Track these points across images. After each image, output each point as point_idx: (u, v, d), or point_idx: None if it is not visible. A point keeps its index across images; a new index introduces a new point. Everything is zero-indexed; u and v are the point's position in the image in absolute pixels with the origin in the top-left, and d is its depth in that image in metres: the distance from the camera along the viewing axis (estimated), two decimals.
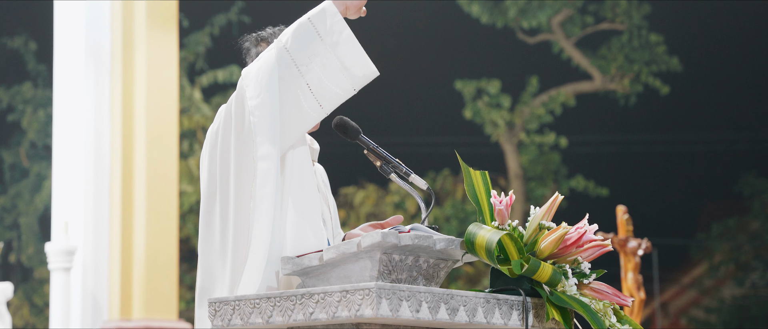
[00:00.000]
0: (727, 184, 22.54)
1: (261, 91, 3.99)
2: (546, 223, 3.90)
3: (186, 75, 21.14)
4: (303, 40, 4.01)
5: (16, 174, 22.05)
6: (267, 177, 3.97)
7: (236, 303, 3.74)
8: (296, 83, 4.01)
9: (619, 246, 10.78)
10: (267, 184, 3.96)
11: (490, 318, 3.70)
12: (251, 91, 4.01)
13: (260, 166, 3.97)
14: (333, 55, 4.01)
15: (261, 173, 3.96)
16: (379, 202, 22.06)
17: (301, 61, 4.00)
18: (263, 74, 4.01)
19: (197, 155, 20.55)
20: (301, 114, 4.02)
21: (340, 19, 4.04)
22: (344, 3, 4.08)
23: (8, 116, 21.86)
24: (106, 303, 11.28)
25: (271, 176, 3.96)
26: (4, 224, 21.81)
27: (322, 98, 4.01)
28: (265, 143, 3.98)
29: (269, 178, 3.96)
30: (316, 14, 4.05)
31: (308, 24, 4.03)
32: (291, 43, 4.02)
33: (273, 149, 3.97)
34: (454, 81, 22.14)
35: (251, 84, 4.02)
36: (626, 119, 22.68)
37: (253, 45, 4.38)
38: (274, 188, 3.96)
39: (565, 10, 22.31)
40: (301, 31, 4.03)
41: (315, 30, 4.02)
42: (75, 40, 11.49)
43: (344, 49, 4.02)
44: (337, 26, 4.03)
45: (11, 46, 22.04)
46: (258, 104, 3.99)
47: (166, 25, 11.76)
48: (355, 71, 4.02)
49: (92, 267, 11.22)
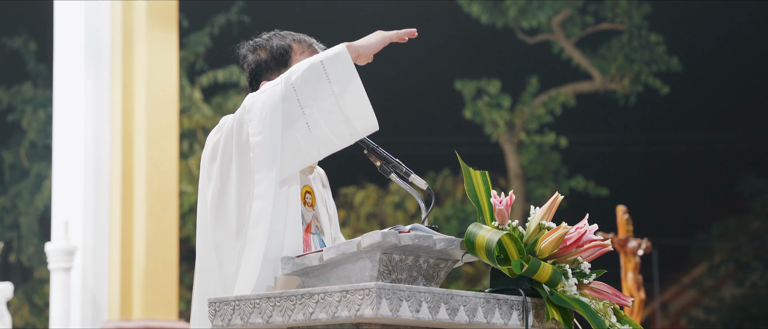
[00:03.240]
0: (727, 184, 22.54)
1: (264, 128, 3.98)
2: (546, 223, 3.90)
3: (186, 75, 21.14)
4: (312, 83, 3.99)
5: (16, 174, 22.05)
6: (261, 216, 3.97)
7: (236, 303, 3.74)
8: (298, 124, 4.00)
9: (619, 246, 10.77)
10: (260, 222, 3.97)
11: (490, 318, 3.71)
12: (254, 126, 4.00)
13: (256, 205, 3.97)
14: (338, 103, 3.98)
15: (255, 212, 3.97)
16: (379, 202, 22.06)
17: (307, 104, 3.98)
18: (268, 111, 3.99)
19: (197, 155, 20.55)
20: (299, 155, 4.02)
21: (351, 66, 4.00)
22: (357, 50, 4.05)
23: (8, 116, 21.87)
24: (106, 303, 11.28)
25: (265, 216, 3.97)
26: (4, 224, 21.82)
27: (321, 143, 4.01)
28: (263, 182, 3.98)
29: (263, 216, 3.97)
30: (329, 59, 4.01)
31: (320, 67, 4.00)
32: (300, 83, 3.99)
33: (270, 188, 3.97)
34: (454, 81, 22.14)
35: (255, 119, 4.00)
36: (626, 119, 22.68)
37: (250, 52, 4.35)
38: (266, 227, 3.97)
39: (565, 10, 22.31)
40: (311, 73, 3.99)
41: (325, 74, 3.99)
42: (75, 40, 11.49)
43: (350, 100, 3.99)
44: (346, 74, 4.00)
45: (11, 46, 22.04)
46: (259, 142, 3.98)
47: (166, 25, 11.76)
48: (356, 123, 4.00)
49: (92, 267, 11.22)
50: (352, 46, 4.05)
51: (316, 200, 4.25)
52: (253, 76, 4.33)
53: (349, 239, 3.81)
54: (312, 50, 4.30)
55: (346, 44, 4.05)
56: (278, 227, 4.01)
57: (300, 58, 4.27)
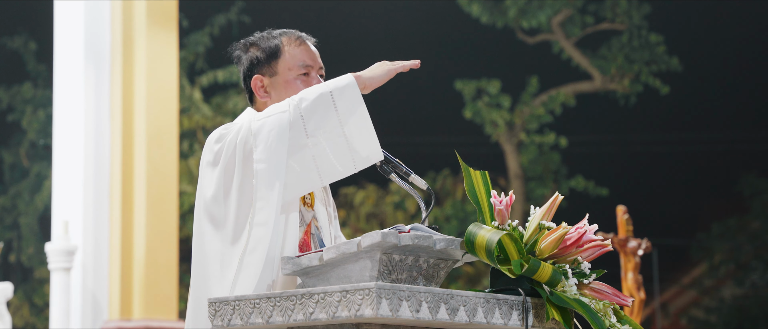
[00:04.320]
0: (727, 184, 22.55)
1: (269, 155, 3.99)
2: (546, 223, 3.90)
3: (186, 75, 21.14)
4: (320, 113, 3.99)
5: (16, 174, 22.05)
6: (258, 244, 3.97)
7: (236, 303, 3.74)
8: (304, 152, 4.00)
9: (619, 246, 10.77)
10: (257, 250, 3.97)
11: (490, 318, 3.71)
12: (259, 153, 4.00)
13: (255, 232, 3.98)
14: (344, 134, 3.99)
15: (254, 240, 3.97)
16: (379, 202, 22.07)
17: (313, 133, 3.99)
18: (274, 138, 4.00)
19: (197, 155, 20.54)
20: (301, 182, 4.03)
21: (359, 98, 4.01)
22: (364, 82, 4.05)
23: (8, 116, 21.87)
24: (106, 303, 11.28)
25: (263, 244, 3.97)
26: (4, 224, 21.82)
27: (324, 171, 4.01)
28: (264, 210, 3.98)
29: (260, 246, 3.97)
30: (338, 89, 4.01)
31: (329, 97, 4.00)
32: (308, 111, 4.00)
33: (270, 215, 3.98)
34: (454, 81, 22.14)
35: (261, 145, 4.00)
36: (626, 119, 22.69)
37: (243, 51, 4.36)
38: (263, 255, 3.97)
39: (565, 10, 22.31)
40: (320, 102, 4.00)
41: (334, 104, 3.99)
42: (75, 40, 11.49)
43: (356, 130, 3.99)
44: (354, 105, 4.00)
45: (11, 46, 22.04)
46: (264, 170, 3.99)
47: (166, 25, 11.77)
48: (361, 153, 4.00)
49: (92, 267, 11.22)
50: (360, 78, 4.05)
51: (315, 200, 4.25)
52: (247, 73, 4.34)
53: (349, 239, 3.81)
54: (301, 41, 4.32)
55: (355, 75, 4.05)
56: (278, 229, 4.01)
57: (291, 50, 4.30)
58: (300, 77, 4.28)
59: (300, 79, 4.28)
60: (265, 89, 4.31)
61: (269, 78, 4.30)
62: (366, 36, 21.39)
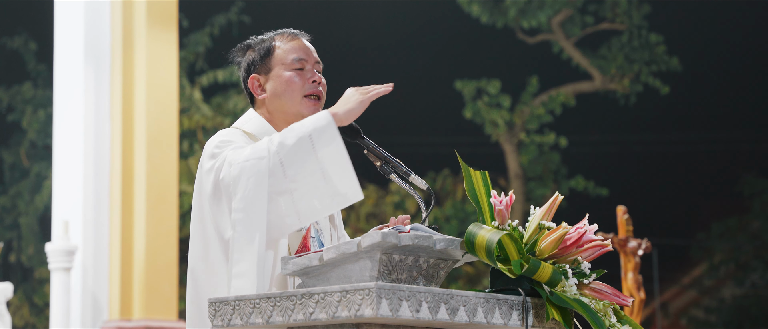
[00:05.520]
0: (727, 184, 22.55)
1: (247, 205, 3.95)
2: (546, 223, 3.90)
3: (186, 75, 21.13)
4: (300, 158, 3.97)
5: (16, 174, 22.05)
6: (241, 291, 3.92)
7: (236, 303, 3.74)
8: (283, 197, 3.97)
9: (619, 246, 10.76)
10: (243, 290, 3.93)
11: (490, 318, 3.70)
12: (237, 201, 3.97)
13: (234, 284, 3.95)
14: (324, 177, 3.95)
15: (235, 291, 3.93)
16: (379, 202, 22.07)
17: (294, 178, 3.96)
18: (251, 186, 3.95)
19: (197, 155, 20.54)
20: (281, 226, 4.00)
21: (338, 138, 3.97)
22: (340, 119, 4.02)
23: (8, 116, 21.87)
24: (106, 303, 11.28)
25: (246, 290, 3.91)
26: (4, 224, 21.82)
27: (304, 213, 3.98)
28: (241, 262, 3.95)
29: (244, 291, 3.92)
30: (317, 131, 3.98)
31: (308, 141, 3.97)
32: (288, 158, 3.96)
33: (250, 266, 3.93)
34: (454, 81, 22.14)
35: (239, 193, 3.97)
36: (626, 119, 22.69)
37: (241, 56, 4.39)
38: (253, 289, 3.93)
39: (565, 10, 22.31)
40: (300, 147, 3.96)
41: (313, 148, 3.96)
42: (75, 40, 11.49)
43: (335, 170, 3.95)
44: (334, 146, 3.96)
45: (11, 46, 22.04)
46: (241, 219, 3.96)
47: (166, 25, 11.77)
48: (340, 191, 3.96)
49: (92, 267, 11.22)
50: (337, 115, 4.02)
51: None
52: (245, 75, 4.37)
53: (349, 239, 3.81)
54: (293, 37, 4.35)
55: (332, 113, 4.02)
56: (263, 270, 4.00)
57: (283, 45, 4.32)
58: (294, 71, 4.30)
59: (295, 73, 4.30)
60: (261, 87, 4.33)
61: (264, 75, 4.32)
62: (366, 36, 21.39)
